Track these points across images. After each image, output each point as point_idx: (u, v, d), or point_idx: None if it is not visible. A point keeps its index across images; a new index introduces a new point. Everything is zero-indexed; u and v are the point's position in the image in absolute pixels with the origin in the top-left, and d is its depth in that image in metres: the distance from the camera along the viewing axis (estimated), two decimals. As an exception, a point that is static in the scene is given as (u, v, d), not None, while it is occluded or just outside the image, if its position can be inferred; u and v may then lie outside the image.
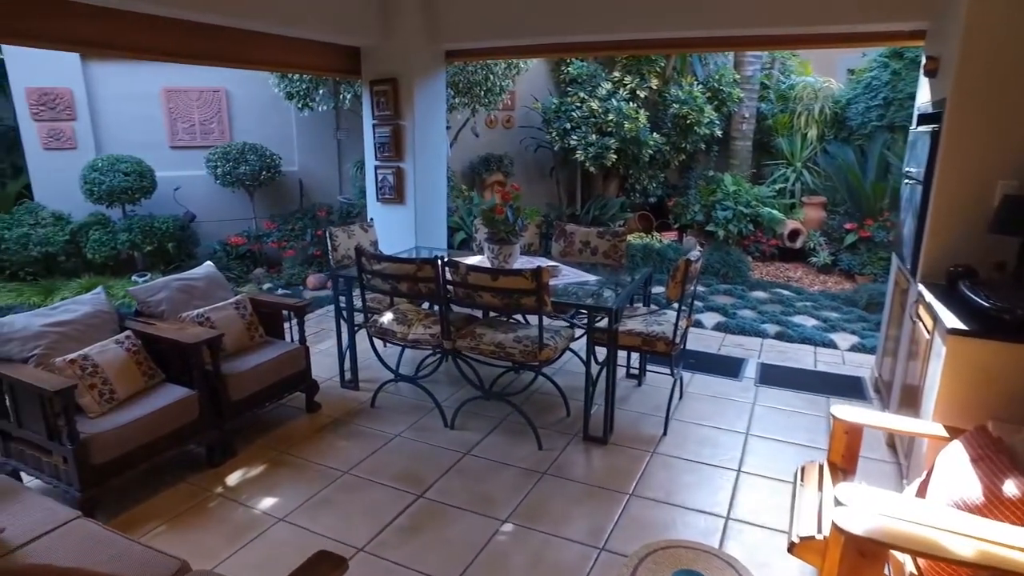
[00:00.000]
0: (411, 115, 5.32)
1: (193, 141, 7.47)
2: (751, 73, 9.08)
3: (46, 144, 6.95)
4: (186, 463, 3.45)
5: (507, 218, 4.00)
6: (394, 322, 3.96)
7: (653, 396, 4.37)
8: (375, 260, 3.80)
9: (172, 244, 6.87)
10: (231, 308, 3.88)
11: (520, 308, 3.49)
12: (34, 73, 6.79)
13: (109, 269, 6.78)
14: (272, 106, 7.58)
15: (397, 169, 5.48)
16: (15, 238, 6.34)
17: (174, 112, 7.33)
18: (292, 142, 7.87)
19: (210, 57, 4.51)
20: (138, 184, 6.67)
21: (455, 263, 3.50)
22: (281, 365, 3.84)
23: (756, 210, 8.26)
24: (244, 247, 7.43)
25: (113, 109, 7.16)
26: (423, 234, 5.58)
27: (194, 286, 3.93)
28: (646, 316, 4.07)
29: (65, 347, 3.18)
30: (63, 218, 6.71)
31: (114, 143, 7.19)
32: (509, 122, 9.02)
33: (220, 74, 7.31)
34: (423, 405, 4.17)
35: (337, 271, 4.44)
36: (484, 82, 6.96)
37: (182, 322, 3.67)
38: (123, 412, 3.11)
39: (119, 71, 7.10)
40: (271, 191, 7.77)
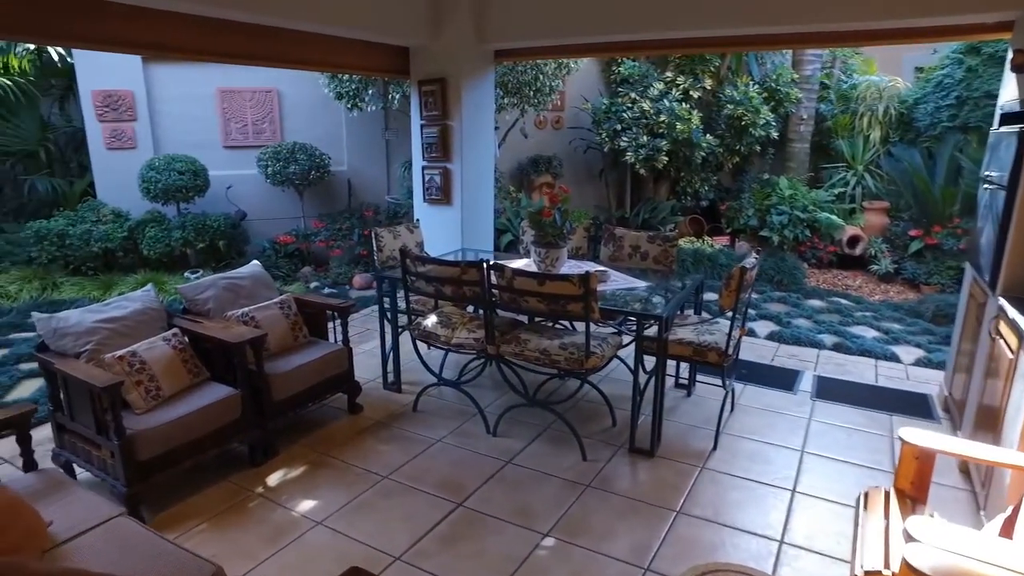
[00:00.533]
0: (459, 115, 5.27)
1: (245, 141, 7.60)
2: (810, 72, 8.74)
3: (109, 144, 7.18)
4: (229, 461, 3.46)
5: (555, 221, 3.89)
6: (438, 325, 3.90)
7: (703, 408, 4.20)
8: (420, 262, 3.74)
9: (223, 242, 7.00)
10: (276, 308, 3.89)
11: (567, 314, 3.39)
12: (100, 76, 7.01)
13: (163, 265, 6.95)
14: (322, 106, 7.65)
15: (444, 170, 5.44)
16: (78, 234, 6.55)
17: (228, 112, 7.48)
18: (341, 142, 7.93)
19: (262, 58, 4.54)
20: (192, 183, 6.81)
21: (501, 267, 3.42)
22: (324, 366, 3.83)
23: (813, 215, 7.93)
24: (292, 246, 7.52)
25: (170, 110, 7.35)
26: (469, 236, 5.52)
27: (240, 285, 3.95)
28: (697, 325, 3.90)
29: (115, 343, 3.22)
30: (122, 215, 6.91)
31: (171, 143, 7.37)
32: (558, 123, 8.91)
33: (272, 75, 7.41)
34: (466, 410, 4.10)
35: (382, 272, 4.41)
36: (533, 82, 6.86)
37: (227, 321, 3.69)
38: (168, 409, 3.13)
39: (177, 73, 7.27)
40: (320, 190, 7.85)
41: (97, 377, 2.87)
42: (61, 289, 6.48)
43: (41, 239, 6.49)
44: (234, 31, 4.14)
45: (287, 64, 4.79)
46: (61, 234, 6.51)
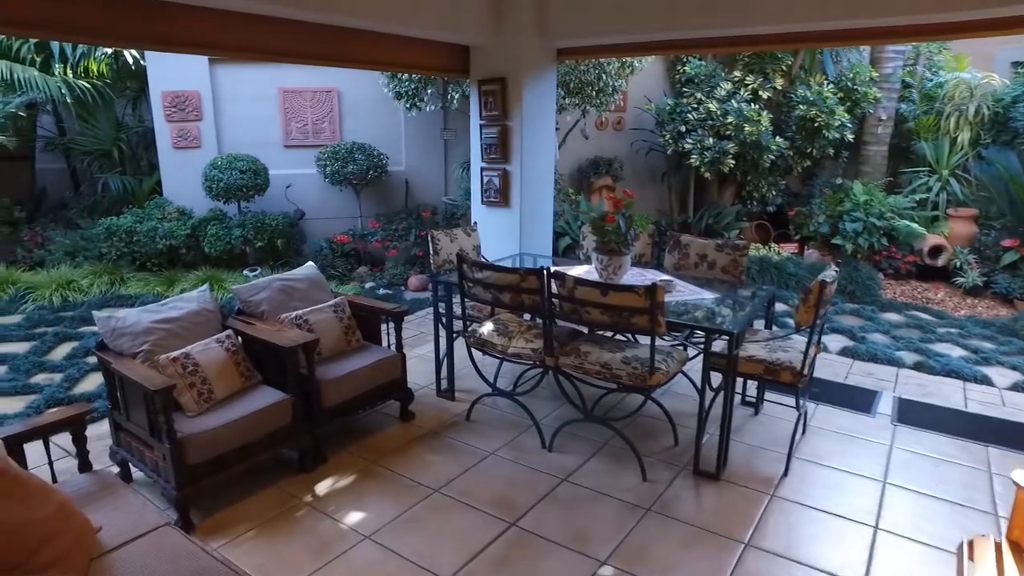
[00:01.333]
0: (519, 116, 5.12)
1: (305, 140, 7.65)
2: (891, 70, 8.22)
3: (175, 143, 7.34)
4: (279, 466, 3.41)
5: (618, 227, 3.69)
6: (494, 333, 3.76)
7: (771, 428, 3.93)
8: (477, 268, 3.61)
9: (281, 240, 7.06)
10: (329, 311, 3.82)
11: (630, 327, 3.19)
12: (169, 78, 7.18)
13: (224, 263, 7.06)
14: (382, 106, 7.64)
15: (503, 171, 5.30)
16: (145, 231, 6.72)
17: (289, 112, 7.55)
18: (400, 142, 7.91)
19: (323, 57, 4.49)
20: (252, 182, 6.90)
21: (562, 275, 3.25)
22: (376, 372, 3.74)
23: (891, 222, 7.45)
24: (349, 245, 7.53)
25: (234, 110, 7.46)
26: (527, 239, 5.37)
27: (295, 287, 3.90)
28: (769, 341, 3.64)
29: (170, 344, 3.20)
30: (186, 213, 7.05)
31: (234, 142, 7.49)
32: (620, 124, 8.67)
33: (332, 75, 7.44)
34: (520, 422, 3.94)
35: (438, 276, 4.30)
36: (596, 82, 6.66)
37: (280, 323, 3.64)
38: (219, 413, 3.08)
39: (240, 73, 7.38)
40: (377, 190, 7.84)
41: (151, 379, 2.84)
42: (128, 284, 6.65)
43: (111, 235, 6.68)
44: (297, 31, 4.10)
45: (347, 63, 4.74)
46: (129, 231, 6.69)
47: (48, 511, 2.05)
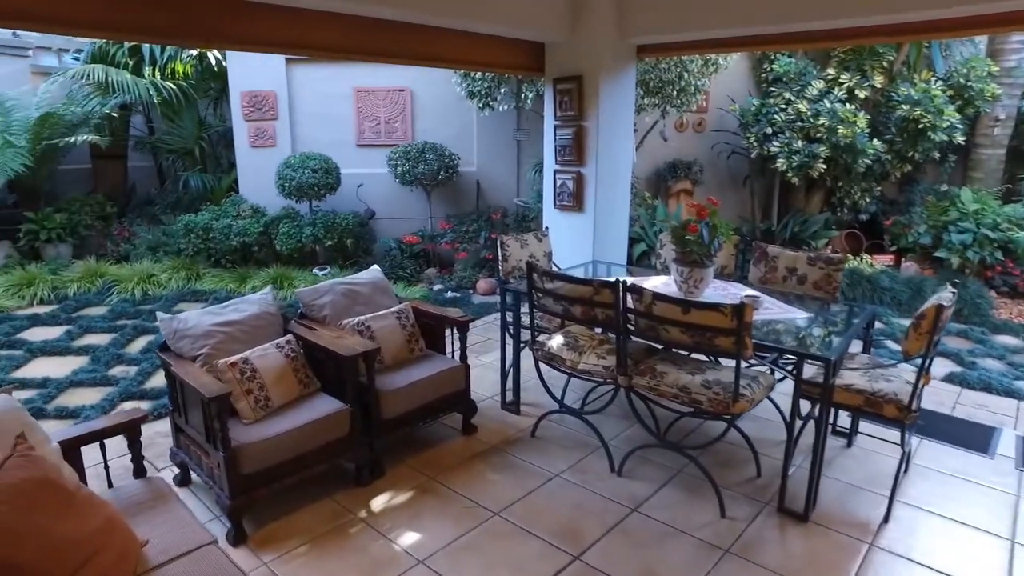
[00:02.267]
0: (595, 116, 4.86)
1: (378, 140, 7.63)
2: (1014, 63, 7.42)
3: (252, 142, 7.46)
4: (335, 478, 3.29)
5: (701, 237, 3.39)
6: (564, 347, 3.52)
7: (868, 464, 3.52)
8: (548, 278, 3.38)
9: (351, 240, 7.05)
10: (392, 317, 3.68)
11: (713, 349, 2.89)
12: (248, 78, 7.31)
13: (294, 261, 7.11)
14: (455, 106, 7.53)
15: (577, 174, 5.06)
16: (220, 228, 6.84)
17: (362, 112, 7.54)
18: (472, 142, 7.78)
19: (397, 55, 4.37)
20: (324, 181, 6.91)
21: (639, 289, 2.98)
22: (439, 383, 3.57)
23: (1008, 235, 6.73)
24: (418, 246, 7.45)
25: (309, 109, 7.52)
26: (601, 246, 5.10)
27: (358, 291, 3.78)
28: (869, 368, 3.25)
29: (229, 348, 3.13)
30: (259, 211, 7.15)
31: (308, 141, 7.55)
32: (701, 125, 8.25)
33: (406, 75, 7.38)
34: (588, 442, 3.69)
35: (506, 283, 4.11)
36: (677, 81, 6.30)
37: (342, 329, 3.52)
38: (275, 422, 2.98)
39: (316, 73, 7.43)
40: (448, 191, 7.74)
41: (206, 386, 2.76)
42: (203, 280, 6.79)
43: (189, 232, 6.84)
44: (372, 28, 4.03)
45: (422, 61, 4.61)
46: (206, 228, 6.83)
47: (94, 525, 1.97)
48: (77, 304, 6.30)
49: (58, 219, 7.38)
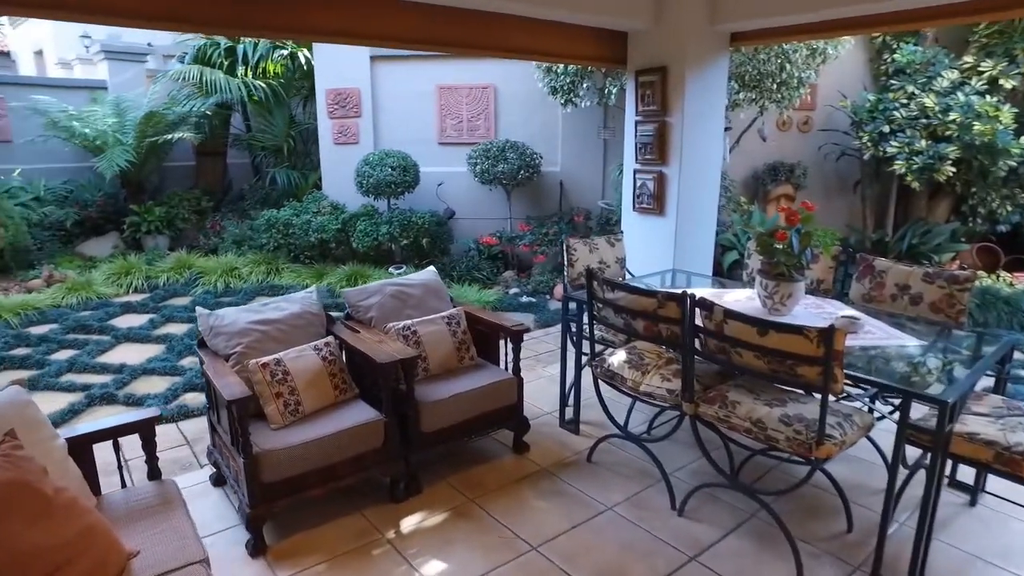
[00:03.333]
0: (680, 111, 4.42)
1: (460, 138, 7.47)
2: None
3: (336, 139, 7.51)
4: (368, 490, 3.08)
5: (791, 246, 2.91)
6: (625, 365, 3.14)
7: (997, 530, 2.90)
8: (608, 286, 3.02)
9: (427, 239, 6.92)
10: (442, 323, 3.43)
11: (795, 380, 2.43)
12: (333, 76, 7.36)
13: (371, 259, 7.07)
14: (539, 103, 7.25)
15: (659, 175, 4.63)
16: (300, 224, 6.91)
17: (444, 109, 7.41)
18: (556, 141, 7.47)
19: (475, 46, 4.14)
20: (401, 179, 6.82)
21: (709, 304, 2.56)
22: (487, 397, 3.28)
23: None
24: (496, 248, 7.23)
25: (392, 106, 7.48)
26: (683, 253, 4.64)
27: (409, 293, 3.56)
28: (1003, 413, 2.65)
29: (265, 347, 2.98)
30: (338, 208, 7.17)
31: (390, 138, 7.51)
32: (806, 124, 7.52)
33: (489, 71, 7.18)
34: (650, 472, 3.29)
35: (570, 291, 3.77)
36: (778, 73, 5.69)
37: (386, 333, 3.31)
38: (304, 428, 2.80)
39: (399, 70, 7.38)
40: (529, 191, 7.47)
41: (229, 386, 2.61)
42: (281, 275, 6.88)
43: (270, 227, 6.96)
44: (448, 18, 3.85)
45: (499, 52, 4.37)
46: (286, 223, 6.92)
47: (72, 532, 1.83)
48: (165, 294, 6.54)
49: (157, 212, 7.74)
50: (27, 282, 6.65)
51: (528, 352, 5.22)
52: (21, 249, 7.09)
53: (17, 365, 4.91)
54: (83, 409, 4.24)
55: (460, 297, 6.23)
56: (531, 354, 5.18)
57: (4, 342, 5.29)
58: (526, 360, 5.04)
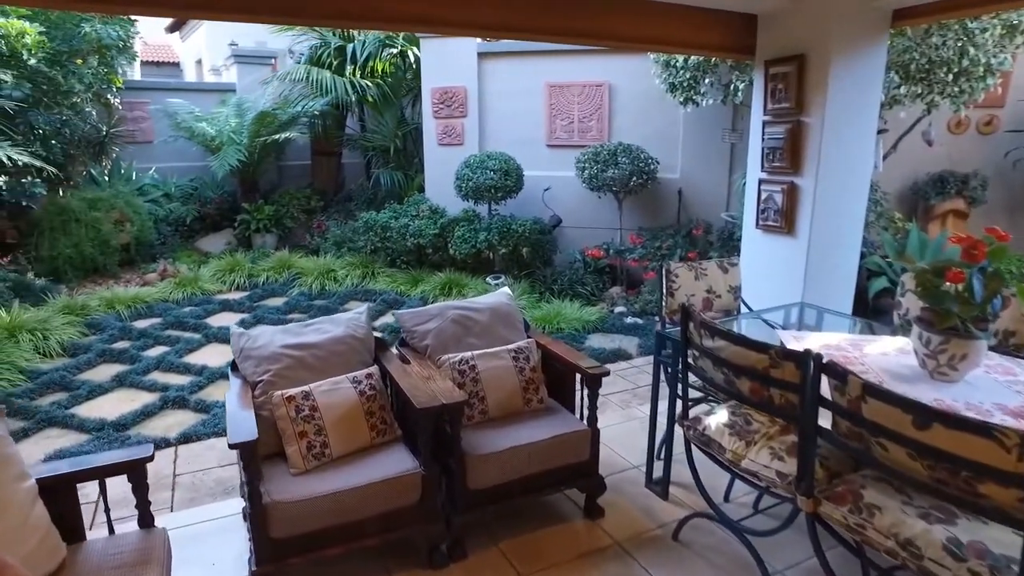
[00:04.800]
0: (820, 109, 3.60)
1: (570, 140, 6.92)
2: None
3: (440, 140, 7.22)
4: (400, 550, 2.62)
5: (969, 291, 2.11)
6: (726, 430, 2.46)
7: None
8: (707, 332, 2.36)
9: (527, 249, 6.43)
10: (508, 356, 2.91)
11: (975, 502, 1.66)
12: (439, 74, 7.08)
13: (469, 267, 6.70)
14: (657, 103, 6.55)
15: (789, 185, 3.83)
16: (398, 228, 6.68)
17: (554, 109, 6.89)
18: (675, 144, 6.72)
19: (573, 34, 3.60)
20: (502, 183, 6.37)
21: (842, 373, 1.85)
22: (552, 451, 2.72)
23: None
24: (603, 261, 6.61)
25: (499, 106, 7.07)
26: (816, 283, 3.81)
27: (474, 319, 3.07)
28: None
29: (296, 376, 2.61)
30: (438, 212, 6.86)
31: (496, 139, 7.10)
32: (989, 124, 6.22)
33: (603, 67, 6.58)
34: (746, 564, 2.57)
35: (666, 331, 3.10)
36: (957, 60, 4.59)
37: (439, 366, 2.84)
38: (327, 476, 2.39)
39: (507, 67, 6.95)
40: (643, 200, 6.77)
41: (238, 424, 2.26)
42: (377, 279, 6.68)
43: (368, 229, 6.79)
44: (553, 6, 3.39)
45: (608, 41, 3.83)
46: (384, 226, 6.71)
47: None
48: (263, 293, 6.54)
49: (266, 211, 7.85)
50: (145, 275, 6.91)
51: (624, 384, 4.59)
52: (145, 243, 7.42)
53: (115, 359, 5.00)
54: (155, 412, 4.17)
55: (557, 314, 5.69)
56: (627, 387, 4.55)
57: (110, 334, 5.43)
58: (620, 394, 4.42)
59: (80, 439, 3.88)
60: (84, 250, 6.74)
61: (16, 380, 4.54)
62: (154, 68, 18.19)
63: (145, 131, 8.67)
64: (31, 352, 4.92)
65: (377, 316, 5.93)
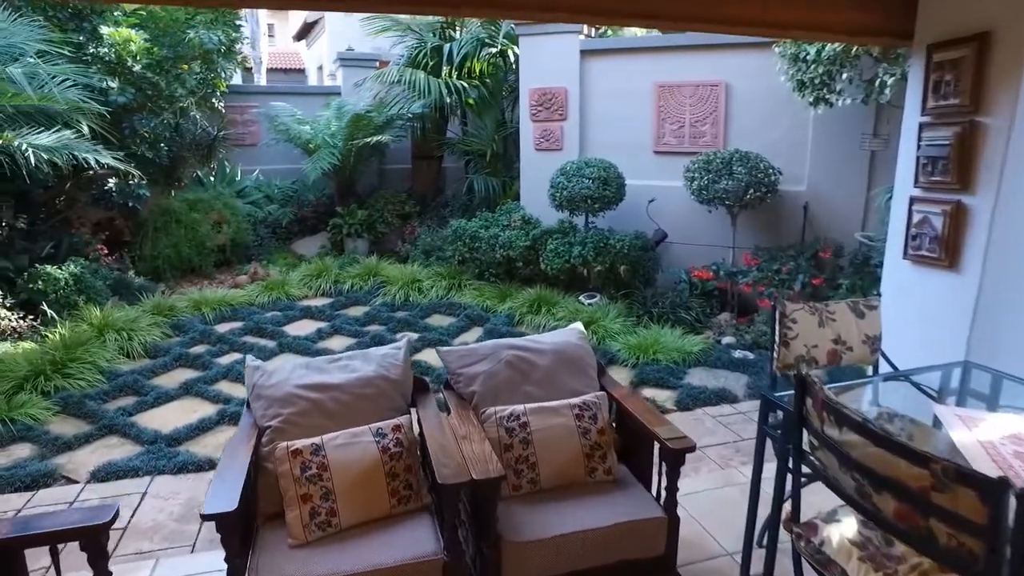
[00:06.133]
0: (1010, 106, 2.75)
1: (679, 146, 6.20)
2: None
3: (537, 144, 6.74)
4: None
5: None
6: (854, 550, 1.77)
7: None
8: (832, 417, 1.68)
9: (625, 266, 5.79)
10: (569, 414, 2.36)
11: None
12: (539, 74, 6.60)
13: (562, 283, 6.15)
14: (783, 104, 5.70)
15: (954, 206, 2.99)
16: (487, 238, 6.25)
17: (663, 111, 6.19)
18: (802, 152, 5.83)
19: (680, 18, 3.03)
20: (600, 192, 5.77)
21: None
22: (616, 541, 2.14)
23: None
24: (711, 283, 5.84)
25: (601, 108, 6.47)
26: (988, 336, 2.93)
27: (533, 362, 2.53)
28: None
29: (311, 423, 2.19)
30: (530, 222, 6.36)
31: (597, 145, 6.51)
32: None
33: (719, 65, 5.83)
34: None
35: (775, 396, 2.39)
36: None
37: (482, 420, 2.33)
38: (331, 553, 1.95)
39: (613, 66, 6.34)
40: (761, 215, 5.93)
41: (216, 486, 1.86)
42: (463, 292, 6.30)
43: (457, 238, 6.41)
44: None
45: (722, 26, 3.22)
46: (473, 236, 6.31)
47: None
48: (346, 301, 6.33)
49: (359, 215, 7.70)
50: (237, 277, 6.94)
51: (725, 435, 3.88)
52: (241, 244, 7.49)
53: (189, 363, 4.93)
54: (211, 427, 3.99)
55: (654, 342, 5.03)
56: (729, 438, 3.84)
57: (191, 337, 5.39)
58: (719, 448, 3.71)
59: (133, 451, 3.74)
60: (182, 250, 6.85)
61: (95, 381, 4.53)
62: (281, 75, 19.12)
63: (253, 134, 8.84)
64: (115, 352, 4.93)
65: (457, 334, 5.52)
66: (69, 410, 4.17)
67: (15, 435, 3.87)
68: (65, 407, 4.18)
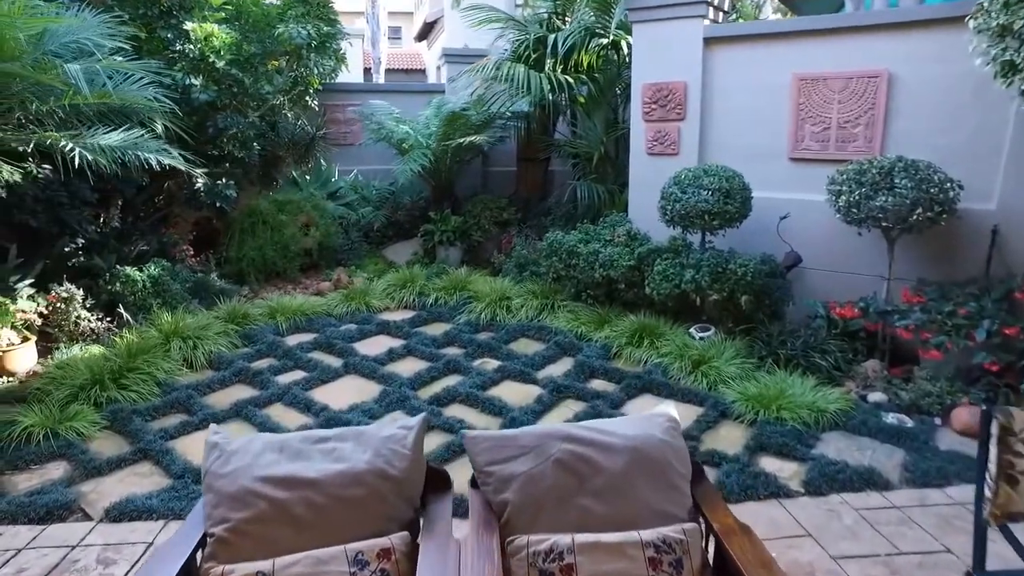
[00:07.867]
0: None
1: (822, 151, 5.09)
2: None
3: (649, 148, 5.84)
4: None
5: None
6: None
7: None
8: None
9: (747, 296, 4.79)
10: (639, 556, 1.58)
11: None
12: (653, 67, 5.69)
13: (670, 311, 5.24)
14: (968, 96, 4.47)
15: None
16: (586, 254, 5.45)
17: (804, 109, 5.09)
18: (996, 159, 4.54)
19: None
20: (720, 207, 4.79)
21: None
22: None
23: None
24: (857, 322, 4.71)
25: (727, 105, 5.46)
26: None
27: (597, 463, 1.76)
28: None
29: (264, 536, 1.57)
30: (636, 238, 5.48)
31: (720, 149, 5.52)
32: None
33: (881, 50, 4.67)
34: None
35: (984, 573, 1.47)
36: None
37: (509, 554, 1.59)
38: None
39: (743, 55, 5.30)
40: (929, 240, 4.72)
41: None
42: (556, 314, 5.55)
43: (552, 253, 5.65)
44: None
45: None
46: (570, 251, 5.52)
47: None
48: (428, 316, 5.80)
49: (452, 222, 7.16)
50: (320, 283, 6.62)
51: (872, 541, 2.91)
52: (329, 248, 7.18)
53: (248, 380, 4.58)
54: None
55: (779, 394, 4.05)
56: (879, 549, 2.85)
57: (257, 349, 5.07)
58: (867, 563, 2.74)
59: (158, 484, 3.37)
60: (266, 253, 6.61)
61: (149, 394, 4.26)
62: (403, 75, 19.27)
63: (355, 133, 8.58)
64: (177, 363, 4.67)
65: (544, 365, 4.78)
66: (116, 426, 3.89)
67: (55, 451, 3.62)
68: (113, 422, 3.91)
